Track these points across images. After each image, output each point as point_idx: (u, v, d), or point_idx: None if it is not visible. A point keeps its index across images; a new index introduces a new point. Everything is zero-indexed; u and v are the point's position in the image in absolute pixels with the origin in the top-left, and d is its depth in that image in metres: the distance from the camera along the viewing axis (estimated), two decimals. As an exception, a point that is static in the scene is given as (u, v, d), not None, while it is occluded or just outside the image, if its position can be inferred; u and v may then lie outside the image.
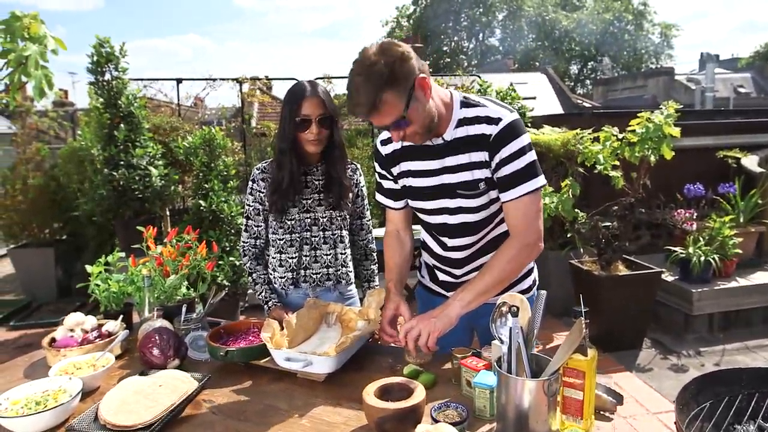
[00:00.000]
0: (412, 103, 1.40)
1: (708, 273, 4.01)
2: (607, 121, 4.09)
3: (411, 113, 1.41)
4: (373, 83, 1.34)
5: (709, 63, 16.45)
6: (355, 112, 1.42)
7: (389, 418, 1.21)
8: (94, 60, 3.91)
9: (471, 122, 1.53)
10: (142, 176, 3.96)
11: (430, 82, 1.44)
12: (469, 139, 1.53)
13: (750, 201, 4.33)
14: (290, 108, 1.85)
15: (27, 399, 1.41)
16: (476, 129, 1.52)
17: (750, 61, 28.55)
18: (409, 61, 1.38)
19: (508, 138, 1.48)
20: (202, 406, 1.45)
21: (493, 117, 1.50)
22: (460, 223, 1.63)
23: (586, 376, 1.22)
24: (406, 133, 1.46)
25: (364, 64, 1.36)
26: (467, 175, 1.56)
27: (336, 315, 1.84)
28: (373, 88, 1.34)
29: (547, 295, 1.32)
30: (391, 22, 35.38)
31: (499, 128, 1.48)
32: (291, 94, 1.89)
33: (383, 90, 1.34)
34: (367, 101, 1.36)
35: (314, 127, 1.85)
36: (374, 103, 1.36)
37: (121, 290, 1.95)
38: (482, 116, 1.51)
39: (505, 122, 1.48)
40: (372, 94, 1.34)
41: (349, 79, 1.39)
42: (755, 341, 3.90)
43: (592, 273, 3.82)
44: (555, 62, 29.47)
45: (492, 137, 1.48)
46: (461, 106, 1.55)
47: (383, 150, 1.72)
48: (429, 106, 1.45)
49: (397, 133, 1.46)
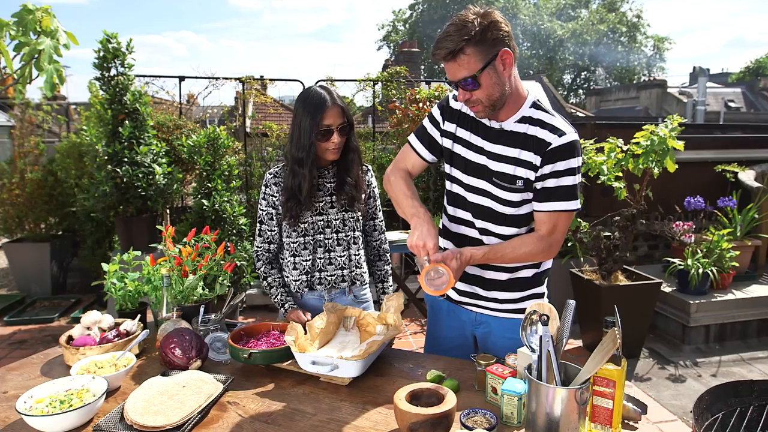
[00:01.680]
0: (489, 69, 1.45)
1: (705, 285, 4.07)
2: (608, 132, 4.14)
3: (484, 78, 1.46)
4: (461, 34, 1.41)
5: (701, 77, 16.65)
6: (436, 54, 1.48)
7: (422, 423, 1.22)
8: (101, 55, 3.88)
9: (534, 123, 1.56)
10: (146, 174, 3.93)
11: (512, 61, 1.49)
12: (527, 138, 1.56)
13: (747, 215, 4.40)
14: (312, 118, 1.83)
15: (51, 398, 1.39)
16: (537, 132, 1.54)
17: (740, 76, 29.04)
18: (501, 31, 1.44)
19: (566, 154, 1.52)
20: (227, 408, 1.44)
21: (558, 128, 1.53)
22: (492, 209, 1.65)
23: (617, 386, 1.24)
24: (472, 96, 1.50)
25: (461, 19, 1.43)
26: (509, 169, 1.59)
27: (354, 319, 1.84)
28: (459, 37, 1.41)
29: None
30: (387, 25, 35.48)
31: (561, 141, 1.51)
32: (310, 103, 1.86)
33: (468, 43, 1.41)
34: (449, 46, 1.42)
35: (336, 137, 1.86)
36: (454, 51, 1.42)
37: (137, 289, 1.94)
38: (548, 123, 1.55)
39: (569, 138, 1.52)
40: (456, 43, 1.41)
41: (443, 29, 1.46)
42: (750, 353, 3.96)
43: (593, 282, 3.86)
44: (549, 71, 29.72)
45: (551, 146, 1.52)
46: (531, 105, 1.59)
47: (453, 104, 1.72)
48: (503, 82, 1.49)
49: (463, 93, 1.50)
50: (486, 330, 1.80)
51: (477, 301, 1.78)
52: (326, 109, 1.84)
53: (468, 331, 1.85)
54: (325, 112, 1.84)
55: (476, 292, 1.76)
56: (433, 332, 1.96)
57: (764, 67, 28.96)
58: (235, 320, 2.51)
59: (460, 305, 1.83)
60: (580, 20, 32.79)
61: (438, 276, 1.49)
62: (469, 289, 1.77)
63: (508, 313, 1.75)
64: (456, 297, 1.82)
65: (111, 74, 3.92)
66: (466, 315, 1.82)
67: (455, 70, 1.46)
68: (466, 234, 1.73)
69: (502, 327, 1.76)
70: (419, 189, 5.42)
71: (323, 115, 1.83)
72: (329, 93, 1.87)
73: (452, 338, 1.88)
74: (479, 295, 1.76)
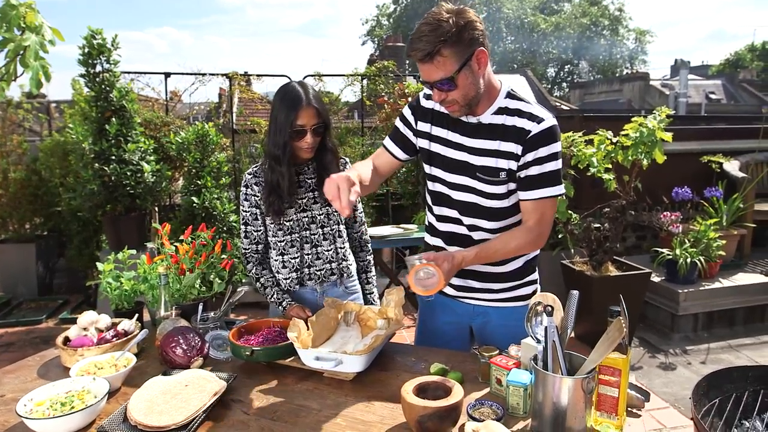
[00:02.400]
0: (465, 69, 1.44)
1: (693, 274, 4.14)
2: (596, 125, 4.18)
3: (460, 78, 1.45)
4: (437, 34, 1.39)
5: (683, 69, 16.89)
6: (411, 55, 1.46)
7: (431, 416, 1.22)
8: (85, 52, 3.81)
9: (511, 113, 1.56)
10: (134, 171, 3.88)
11: (487, 59, 1.48)
12: (506, 129, 1.55)
13: (732, 204, 4.48)
14: (285, 117, 1.82)
15: (51, 400, 1.37)
16: (516, 121, 1.54)
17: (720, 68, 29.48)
18: (476, 31, 1.43)
19: (547, 139, 1.52)
20: (231, 406, 1.43)
21: (536, 115, 1.53)
22: (479, 205, 1.64)
23: (622, 374, 1.25)
24: (447, 96, 1.49)
25: (435, 17, 1.41)
26: (490, 161, 1.58)
27: (355, 314, 1.84)
28: (435, 38, 1.39)
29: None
30: (371, 20, 35.36)
31: (541, 127, 1.51)
32: (286, 102, 1.83)
33: (444, 44, 1.40)
34: (425, 47, 1.41)
35: (309, 137, 1.85)
36: (431, 52, 1.41)
37: (133, 288, 1.91)
38: (525, 111, 1.55)
39: (548, 124, 1.52)
40: (433, 44, 1.40)
41: (416, 27, 1.44)
42: (737, 340, 4.04)
43: (584, 273, 3.90)
44: (533, 64, 29.86)
45: (531, 134, 1.52)
46: (506, 96, 1.58)
47: (424, 102, 1.71)
48: (478, 81, 1.49)
49: (439, 93, 1.49)
50: (484, 320, 1.81)
51: (473, 294, 1.78)
52: (300, 108, 1.81)
53: (465, 322, 1.86)
54: (299, 111, 1.81)
55: (471, 285, 1.77)
56: (427, 325, 1.95)
57: (743, 60, 29.46)
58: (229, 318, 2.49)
59: (455, 299, 1.83)
60: (563, 14, 33.00)
61: (428, 276, 1.47)
62: (463, 283, 1.77)
63: (505, 302, 1.76)
64: (452, 292, 1.82)
65: (96, 71, 3.85)
66: (462, 307, 1.83)
67: (431, 71, 1.45)
68: (455, 231, 1.72)
69: (500, 315, 1.77)
70: (408, 184, 5.42)
71: (297, 115, 1.81)
72: (305, 92, 1.83)
73: (448, 332, 1.88)
74: (474, 288, 1.77)
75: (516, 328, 1.52)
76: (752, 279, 4.34)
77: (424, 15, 1.46)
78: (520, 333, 1.45)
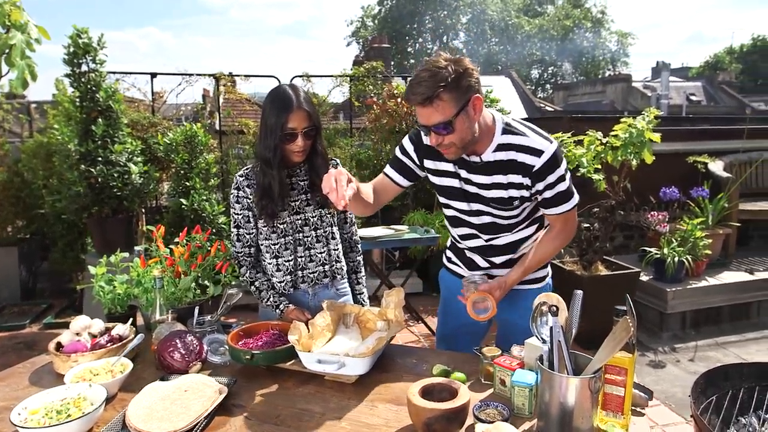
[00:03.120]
0: (462, 114, 1.51)
1: (681, 273, 4.19)
2: (584, 125, 4.21)
3: (458, 122, 1.51)
4: (436, 80, 1.45)
5: (664, 71, 17.17)
6: (410, 99, 1.52)
7: (438, 419, 1.21)
8: (71, 51, 3.73)
9: (511, 149, 1.62)
10: (121, 173, 3.81)
11: (482, 106, 1.56)
12: (509, 164, 1.63)
13: (717, 204, 4.55)
14: (276, 120, 1.80)
15: (46, 408, 1.34)
16: (517, 156, 1.61)
17: (700, 70, 30.01)
18: (473, 78, 1.51)
19: (551, 168, 1.60)
20: (233, 412, 1.41)
21: (536, 149, 1.59)
22: (496, 224, 1.75)
23: (628, 374, 1.25)
24: (444, 140, 1.55)
25: (434, 65, 1.47)
26: (502, 193, 1.66)
27: (354, 316, 1.82)
28: (434, 83, 1.45)
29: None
30: (356, 21, 35.34)
31: (542, 161, 1.58)
32: (276, 105, 1.81)
33: (443, 89, 1.46)
34: (425, 91, 1.46)
35: (300, 140, 1.83)
36: (431, 96, 1.47)
37: (126, 292, 1.87)
38: (525, 146, 1.61)
39: (548, 155, 1.59)
40: (432, 88, 1.46)
41: (415, 73, 1.51)
42: (724, 338, 4.09)
43: (574, 273, 3.93)
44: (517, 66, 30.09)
45: (535, 168, 1.59)
46: (503, 132, 1.64)
47: (426, 140, 1.73)
48: (474, 126, 1.56)
49: (437, 137, 1.55)
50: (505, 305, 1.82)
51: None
52: (291, 111, 1.79)
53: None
54: (290, 114, 1.79)
55: (490, 274, 1.83)
56: (447, 314, 2.01)
57: (722, 62, 30.03)
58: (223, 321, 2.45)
59: None
60: (547, 16, 33.31)
61: (482, 302, 1.67)
62: (483, 264, 1.85)
63: (524, 284, 1.83)
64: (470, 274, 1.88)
65: (82, 70, 3.78)
66: None
67: (429, 114, 1.51)
68: (475, 245, 1.83)
69: (521, 298, 1.82)
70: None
71: (288, 118, 1.79)
72: (296, 95, 1.82)
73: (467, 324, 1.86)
74: (491, 274, 1.83)
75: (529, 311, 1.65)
76: (737, 277, 4.40)
77: (422, 61, 1.54)
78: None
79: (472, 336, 1.94)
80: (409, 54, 34.27)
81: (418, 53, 35.02)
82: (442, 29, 34.81)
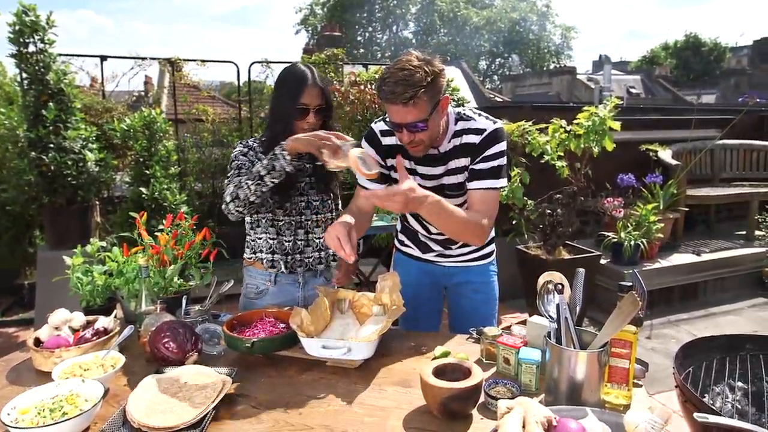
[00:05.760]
0: (435, 113, 1.58)
1: (636, 256, 4.40)
2: (544, 114, 4.34)
3: (431, 121, 1.58)
4: (416, 80, 1.50)
5: (606, 65, 17.80)
6: (389, 98, 1.54)
7: (455, 398, 1.22)
8: (16, 29, 3.47)
9: (462, 134, 1.73)
10: (76, 161, 3.59)
11: (448, 104, 1.66)
12: (460, 148, 1.73)
13: (668, 190, 4.79)
14: (290, 94, 1.81)
15: (37, 407, 1.25)
16: (466, 139, 1.72)
17: (638, 64, 31.44)
18: (443, 79, 1.59)
19: (489, 144, 1.70)
20: (238, 402, 1.37)
21: (479, 128, 1.71)
22: None
23: (632, 347, 1.31)
24: (415, 137, 1.61)
25: (410, 63, 1.52)
26: (459, 178, 1.77)
27: (348, 301, 1.81)
28: (414, 84, 1.50)
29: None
30: (305, 9, 34.73)
31: (482, 137, 1.70)
32: (292, 79, 1.83)
33: (422, 90, 1.51)
34: (405, 92, 1.50)
35: (311, 117, 1.83)
36: (411, 97, 1.51)
37: (107, 284, 1.77)
38: (471, 128, 1.72)
39: (489, 131, 1.70)
40: (413, 89, 1.50)
41: (388, 71, 1.54)
42: (676, 316, 4.34)
43: (538, 257, 4.05)
44: (466, 57, 30.50)
45: (476, 143, 1.70)
46: (456, 121, 1.74)
47: (384, 140, 1.82)
48: (440, 122, 1.66)
49: (410, 135, 1.60)
50: (458, 280, 2.01)
51: (444, 259, 1.99)
52: (306, 86, 1.81)
53: (440, 284, 2.05)
54: (305, 89, 1.81)
55: (442, 252, 1.97)
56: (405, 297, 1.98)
57: (658, 57, 31.58)
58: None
59: (428, 263, 2.00)
60: (494, 8, 33.90)
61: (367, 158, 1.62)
62: (437, 249, 1.96)
63: (476, 261, 1.99)
64: (424, 256, 2.00)
65: (29, 51, 3.52)
66: (437, 269, 2.00)
67: (406, 113, 1.55)
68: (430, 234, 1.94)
69: (473, 273, 1.99)
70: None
71: (302, 93, 1.80)
72: (311, 72, 1.85)
73: (421, 294, 1.99)
74: (445, 254, 1.97)
75: (481, 284, 1.99)
76: (686, 259, 4.67)
77: (395, 60, 1.57)
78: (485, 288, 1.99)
79: (431, 312, 2.06)
80: (358, 43, 34.05)
81: (367, 42, 34.85)
82: (392, 19, 34.78)
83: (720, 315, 4.37)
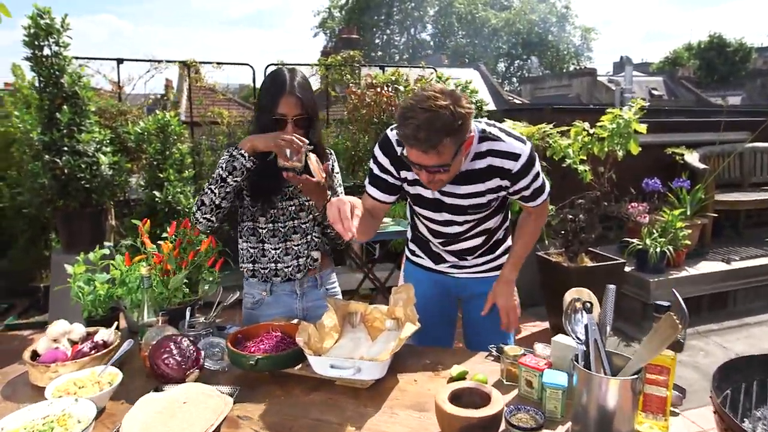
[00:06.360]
0: (458, 155, 1.47)
1: (662, 263, 4.23)
2: (565, 116, 4.19)
3: (455, 163, 1.48)
4: (442, 124, 1.37)
5: (627, 66, 17.46)
6: (411, 144, 1.42)
7: (473, 428, 1.12)
8: (32, 32, 3.45)
9: (489, 155, 1.61)
10: (89, 164, 3.56)
11: (473, 141, 1.55)
12: (487, 170, 1.63)
13: (695, 195, 4.61)
14: (268, 103, 1.72)
15: (26, 428, 1.18)
16: (495, 161, 1.61)
17: (660, 66, 30.83)
18: (470, 119, 1.46)
19: (528, 169, 1.62)
20: (240, 425, 1.28)
21: (513, 153, 1.60)
22: (466, 229, 1.77)
23: (670, 373, 1.19)
24: (435, 177, 1.51)
25: (434, 102, 1.37)
26: (481, 200, 1.68)
27: (360, 314, 1.71)
28: (441, 129, 1.37)
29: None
30: (323, 12, 34.87)
31: (520, 164, 1.60)
32: (270, 87, 1.73)
33: (448, 135, 1.39)
34: (430, 138, 1.38)
35: (290, 128, 1.71)
36: (436, 145, 1.39)
37: (108, 293, 1.70)
38: (501, 150, 1.60)
39: (525, 157, 1.60)
40: (438, 135, 1.38)
41: (410, 109, 1.39)
42: (705, 326, 4.15)
43: (561, 264, 3.91)
44: (484, 59, 30.28)
45: (513, 171, 1.61)
46: (479, 140, 1.61)
47: (400, 150, 1.65)
48: (462, 160, 1.55)
49: (430, 175, 1.50)
50: (473, 292, 1.90)
51: (458, 270, 1.89)
52: (282, 95, 1.69)
53: (453, 295, 1.95)
54: (281, 98, 1.69)
55: (456, 263, 1.88)
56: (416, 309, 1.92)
57: (681, 58, 30.92)
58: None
59: (441, 274, 1.91)
60: (513, 10, 33.63)
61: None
62: (451, 260, 1.88)
63: (491, 272, 1.88)
64: (437, 267, 1.91)
65: (44, 54, 3.50)
66: (450, 280, 1.91)
67: (427, 159, 1.44)
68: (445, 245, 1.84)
69: (488, 285, 1.85)
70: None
71: (279, 102, 1.70)
72: (292, 79, 1.72)
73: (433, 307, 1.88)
74: (459, 266, 1.88)
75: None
76: (714, 267, 4.48)
77: (415, 94, 1.43)
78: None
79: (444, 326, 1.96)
80: (376, 46, 34.05)
81: (385, 45, 34.83)
82: (410, 21, 34.72)
83: (753, 326, 4.17)
